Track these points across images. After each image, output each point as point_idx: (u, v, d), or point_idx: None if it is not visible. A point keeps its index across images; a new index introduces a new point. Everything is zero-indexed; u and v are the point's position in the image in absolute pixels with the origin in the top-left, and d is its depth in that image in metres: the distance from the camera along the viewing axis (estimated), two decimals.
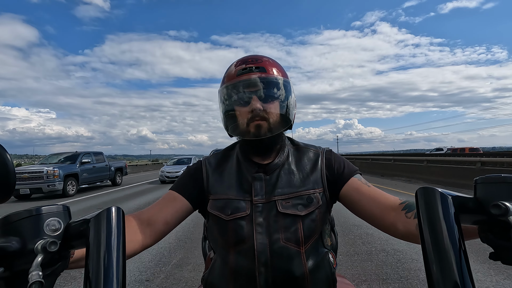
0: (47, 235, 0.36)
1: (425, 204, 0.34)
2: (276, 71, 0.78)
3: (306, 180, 0.78)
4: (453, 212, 0.33)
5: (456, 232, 0.32)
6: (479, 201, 0.36)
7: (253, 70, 0.75)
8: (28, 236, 0.36)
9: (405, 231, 0.62)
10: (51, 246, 0.34)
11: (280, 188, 0.76)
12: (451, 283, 0.30)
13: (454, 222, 0.33)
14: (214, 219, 0.78)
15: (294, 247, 0.73)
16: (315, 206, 0.75)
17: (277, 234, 0.73)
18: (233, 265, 0.74)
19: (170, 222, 0.74)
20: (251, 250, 0.72)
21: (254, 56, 0.81)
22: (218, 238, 0.78)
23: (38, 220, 0.36)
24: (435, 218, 0.33)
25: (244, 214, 0.74)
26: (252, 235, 0.73)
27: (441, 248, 0.31)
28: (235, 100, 0.77)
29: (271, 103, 0.75)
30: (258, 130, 0.74)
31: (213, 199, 0.79)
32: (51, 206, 0.38)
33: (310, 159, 0.83)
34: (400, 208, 0.65)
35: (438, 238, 0.32)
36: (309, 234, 0.74)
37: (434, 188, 0.35)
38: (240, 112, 0.76)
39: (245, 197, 0.76)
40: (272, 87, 0.76)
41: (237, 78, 0.76)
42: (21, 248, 0.35)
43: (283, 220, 0.73)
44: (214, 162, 0.85)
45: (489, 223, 0.36)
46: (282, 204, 0.74)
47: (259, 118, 0.74)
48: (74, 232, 0.37)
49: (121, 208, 0.36)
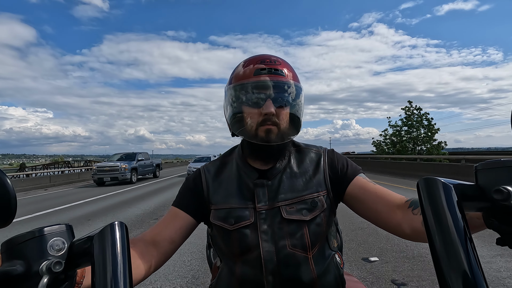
0: (51, 255, 0.35)
1: (428, 194, 0.33)
2: (291, 75, 0.73)
3: (309, 183, 0.74)
4: (456, 201, 0.32)
5: (461, 220, 0.31)
6: (481, 188, 0.35)
7: (272, 72, 0.70)
8: (32, 258, 0.35)
9: (411, 230, 0.60)
10: (56, 267, 0.33)
11: (283, 194, 0.72)
12: (460, 271, 0.29)
13: (458, 211, 0.32)
14: (218, 229, 0.74)
15: (301, 253, 0.69)
16: (320, 210, 0.71)
17: (283, 241, 0.69)
18: (240, 275, 0.71)
19: (176, 240, 0.71)
20: (257, 259, 0.69)
21: (273, 56, 0.75)
22: (223, 248, 0.74)
23: (41, 241, 0.35)
24: (439, 207, 0.32)
25: (248, 223, 0.71)
26: (257, 243, 0.69)
27: (447, 237, 0.30)
28: (248, 100, 0.71)
29: (284, 108, 0.71)
30: (268, 135, 0.70)
31: (215, 209, 0.75)
32: (53, 226, 0.37)
33: (312, 160, 0.78)
34: (406, 206, 0.62)
35: (444, 228, 0.31)
36: (315, 239, 0.70)
37: (435, 178, 0.34)
38: (251, 113, 0.71)
39: (247, 204, 0.72)
40: (287, 91, 0.71)
41: (253, 78, 0.70)
42: (26, 271, 0.34)
43: (288, 226, 0.70)
44: (213, 170, 0.81)
45: (493, 209, 0.35)
46: (286, 209, 0.71)
47: (271, 122, 0.69)
48: (78, 251, 0.36)
49: (123, 223, 0.35)
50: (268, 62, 0.72)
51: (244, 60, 0.76)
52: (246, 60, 0.76)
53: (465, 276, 0.29)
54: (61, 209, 7.59)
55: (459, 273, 0.29)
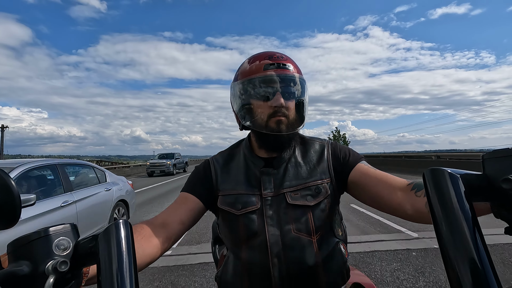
0: (57, 255, 0.35)
1: (435, 185, 0.32)
2: (297, 70, 0.75)
3: (314, 171, 0.75)
4: (463, 191, 0.31)
5: (469, 210, 0.30)
6: (489, 177, 0.34)
7: (280, 66, 0.72)
8: (38, 258, 0.34)
9: (414, 211, 0.59)
10: (61, 266, 0.33)
11: (288, 181, 0.73)
12: (469, 262, 0.28)
13: (466, 201, 0.31)
14: (225, 215, 0.74)
15: (305, 237, 0.69)
16: (324, 196, 0.72)
17: (288, 225, 0.69)
18: (246, 260, 0.70)
19: (186, 222, 0.70)
20: (263, 243, 0.69)
21: (279, 53, 0.76)
22: (230, 234, 0.74)
23: (47, 241, 0.35)
24: (447, 198, 0.31)
25: (254, 208, 0.71)
26: (263, 228, 0.69)
27: (455, 228, 0.29)
28: (258, 93, 0.72)
29: (292, 100, 0.73)
30: (279, 125, 0.71)
31: (222, 195, 0.75)
32: (58, 226, 0.37)
33: (316, 150, 0.79)
34: (409, 188, 0.61)
35: (452, 219, 0.30)
36: (319, 224, 0.70)
37: (442, 168, 0.33)
38: (262, 106, 0.72)
39: (254, 191, 0.73)
40: (295, 85, 0.73)
41: (263, 72, 0.71)
42: (32, 271, 0.34)
43: (293, 211, 0.70)
44: (222, 160, 0.82)
45: (501, 198, 0.34)
46: (291, 196, 0.71)
47: (281, 114, 0.71)
48: (84, 250, 0.36)
49: (128, 221, 0.34)
50: (275, 57, 0.73)
51: (249, 57, 0.77)
52: (252, 57, 0.76)
53: (474, 267, 0.27)
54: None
55: (468, 264, 0.28)
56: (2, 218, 0.37)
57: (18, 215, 0.37)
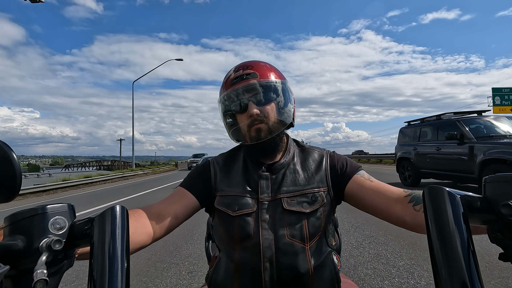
0: (52, 233, 0.35)
1: (433, 204, 0.32)
2: (269, 74, 0.76)
3: (311, 179, 0.75)
4: (461, 212, 0.31)
5: (465, 232, 0.30)
6: (489, 200, 0.34)
7: (244, 78, 0.74)
8: (33, 235, 0.34)
9: (414, 223, 0.59)
10: (55, 245, 0.33)
11: (286, 187, 0.73)
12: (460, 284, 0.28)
13: (463, 223, 0.31)
14: (221, 216, 0.74)
15: (298, 243, 0.69)
16: (320, 204, 0.72)
17: (282, 230, 0.69)
18: (238, 262, 0.70)
19: (179, 217, 0.71)
20: (256, 246, 0.68)
21: (245, 63, 0.78)
22: (224, 235, 0.73)
23: (43, 219, 0.35)
24: (444, 218, 0.31)
25: (250, 211, 0.71)
26: (258, 231, 0.69)
27: (450, 249, 0.29)
28: (233, 108, 0.75)
29: (267, 105, 0.73)
30: (259, 133, 0.73)
31: (220, 195, 0.76)
32: (56, 205, 0.36)
33: (315, 159, 0.79)
34: (407, 200, 0.62)
35: (447, 239, 0.30)
36: (313, 232, 0.70)
37: (442, 187, 0.33)
38: (240, 118, 0.75)
39: (251, 194, 0.73)
40: (266, 90, 0.74)
41: (231, 88, 0.74)
42: (26, 247, 0.34)
43: (288, 217, 0.70)
44: (222, 162, 0.82)
45: (499, 223, 0.33)
46: (287, 201, 0.72)
47: (258, 122, 0.72)
48: (79, 231, 0.36)
49: (125, 207, 0.35)
50: (241, 69, 0.76)
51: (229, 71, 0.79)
52: (228, 71, 0.80)
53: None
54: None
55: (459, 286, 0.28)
56: (3, 190, 0.36)
57: (18, 188, 0.37)
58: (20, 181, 0.37)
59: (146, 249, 2.40)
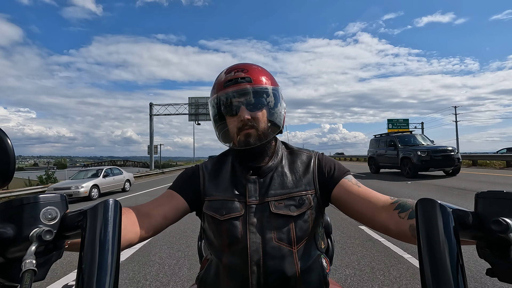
0: (43, 223, 0.35)
1: (425, 216, 0.32)
2: (263, 79, 0.75)
3: (299, 182, 0.75)
4: (452, 226, 0.32)
5: (455, 246, 0.31)
6: (479, 216, 0.35)
7: (239, 80, 0.72)
8: (24, 224, 0.34)
9: (398, 231, 0.59)
10: (46, 235, 0.33)
11: (273, 190, 0.74)
12: None
13: (453, 236, 0.31)
14: (209, 220, 0.74)
15: (286, 247, 0.69)
16: (307, 207, 0.72)
17: (269, 234, 0.69)
18: (226, 265, 0.70)
19: (169, 218, 0.71)
20: (244, 250, 0.69)
21: (241, 65, 0.76)
22: (213, 239, 0.74)
23: (35, 208, 0.35)
24: (435, 231, 0.31)
25: (238, 215, 0.71)
26: (245, 235, 0.70)
27: (439, 262, 0.30)
28: (224, 110, 0.74)
29: (258, 111, 0.73)
30: (248, 138, 0.72)
31: (208, 200, 0.76)
32: (48, 195, 0.36)
33: (303, 162, 0.79)
34: (392, 208, 0.62)
35: (437, 252, 0.30)
36: (301, 235, 0.71)
37: (434, 200, 0.33)
38: (230, 121, 0.74)
39: (239, 198, 0.73)
40: (258, 96, 0.73)
41: (224, 90, 0.73)
42: (16, 235, 0.34)
43: (276, 220, 0.70)
44: (210, 166, 0.82)
45: (488, 239, 0.34)
46: (275, 205, 0.72)
47: (248, 127, 0.72)
48: (70, 223, 0.36)
49: (118, 201, 0.35)
50: (236, 71, 0.74)
51: (222, 71, 0.78)
52: (222, 71, 0.78)
53: None
54: None
55: None
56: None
57: (11, 175, 0.36)
58: (14, 167, 0.36)
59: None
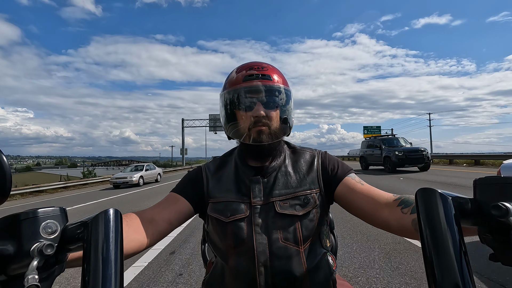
0: (44, 237, 0.34)
1: (425, 205, 0.33)
2: (279, 80, 0.76)
3: (303, 181, 0.75)
4: (453, 214, 0.32)
5: (457, 233, 0.31)
6: (479, 202, 0.35)
7: (259, 77, 0.73)
8: (24, 239, 0.33)
9: (400, 227, 0.59)
10: (47, 249, 0.32)
11: (278, 190, 0.73)
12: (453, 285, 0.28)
13: (455, 224, 0.31)
14: (214, 222, 0.74)
15: (293, 247, 0.69)
16: (312, 206, 0.72)
17: (276, 234, 0.69)
18: (233, 267, 0.70)
19: (173, 222, 0.70)
20: (250, 251, 0.68)
21: (260, 63, 0.77)
22: (218, 241, 0.73)
23: (34, 223, 0.34)
24: (436, 219, 0.31)
25: (243, 216, 0.71)
26: (251, 235, 0.69)
27: (442, 250, 0.30)
28: (239, 104, 0.73)
29: (273, 110, 0.74)
30: (260, 135, 0.72)
31: (213, 202, 0.75)
32: (47, 208, 0.35)
33: (306, 161, 0.79)
34: (395, 204, 0.62)
35: (439, 240, 0.30)
36: (307, 234, 0.70)
37: (433, 189, 0.33)
38: (243, 116, 0.73)
39: (244, 199, 0.73)
40: (275, 95, 0.74)
41: (243, 84, 0.73)
42: (16, 252, 0.33)
43: (281, 220, 0.70)
44: (213, 168, 0.82)
45: (489, 224, 0.34)
46: (280, 205, 0.71)
47: (261, 124, 0.72)
48: (71, 235, 0.35)
49: (118, 210, 0.34)
50: (256, 68, 0.75)
51: (237, 67, 0.79)
52: (238, 67, 0.78)
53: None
54: None
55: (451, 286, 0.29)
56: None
57: (8, 191, 0.36)
58: (10, 183, 0.36)
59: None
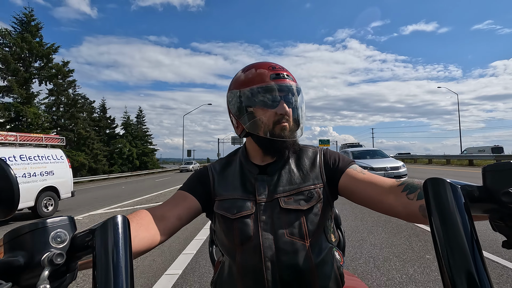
0: (53, 247, 0.35)
1: (435, 195, 0.32)
2: (297, 83, 0.79)
3: (307, 177, 0.76)
4: (463, 202, 0.32)
5: (468, 221, 0.30)
6: (489, 190, 0.35)
7: (284, 76, 0.76)
8: (34, 250, 0.34)
9: (407, 213, 0.59)
10: (57, 259, 0.33)
11: (282, 186, 0.75)
12: (466, 273, 0.28)
13: (465, 212, 0.31)
14: (221, 220, 0.75)
15: (298, 241, 0.69)
16: (316, 200, 0.73)
17: (281, 229, 0.70)
18: (240, 264, 0.71)
19: (183, 218, 0.72)
20: (257, 247, 0.69)
21: (277, 64, 0.79)
22: (225, 239, 0.74)
23: (43, 233, 0.35)
24: (446, 209, 0.31)
25: (249, 213, 0.72)
26: (257, 232, 0.70)
27: (453, 239, 0.30)
28: (265, 101, 0.74)
29: (295, 109, 0.77)
30: (283, 132, 0.74)
31: (219, 200, 0.77)
32: (55, 218, 0.36)
33: (309, 157, 0.81)
34: (400, 189, 0.62)
35: (450, 229, 0.30)
36: (312, 228, 0.71)
37: (442, 178, 0.33)
38: (267, 113, 0.75)
39: (249, 197, 0.75)
40: (297, 95, 0.78)
41: (270, 81, 0.75)
42: (27, 262, 0.33)
43: (287, 215, 0.71)
44: (219, 167, 0.84)
45: (500, 211, 0.34)
46: (284, 200, 0.73)
47: (285, 121, 0.74)
48: (80, 243, 0.35)
49: (126, 217, 0.34)
50: (278, 68, 0.77)
51: (248, 67, 0.80)
52: (251, 66, 0.79)
53: (471, 278, 0.28)
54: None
55: (464, 275, 0.28)
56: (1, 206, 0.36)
57: (16, 204, 0.36)
58: (18, 196, 0.36)
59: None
